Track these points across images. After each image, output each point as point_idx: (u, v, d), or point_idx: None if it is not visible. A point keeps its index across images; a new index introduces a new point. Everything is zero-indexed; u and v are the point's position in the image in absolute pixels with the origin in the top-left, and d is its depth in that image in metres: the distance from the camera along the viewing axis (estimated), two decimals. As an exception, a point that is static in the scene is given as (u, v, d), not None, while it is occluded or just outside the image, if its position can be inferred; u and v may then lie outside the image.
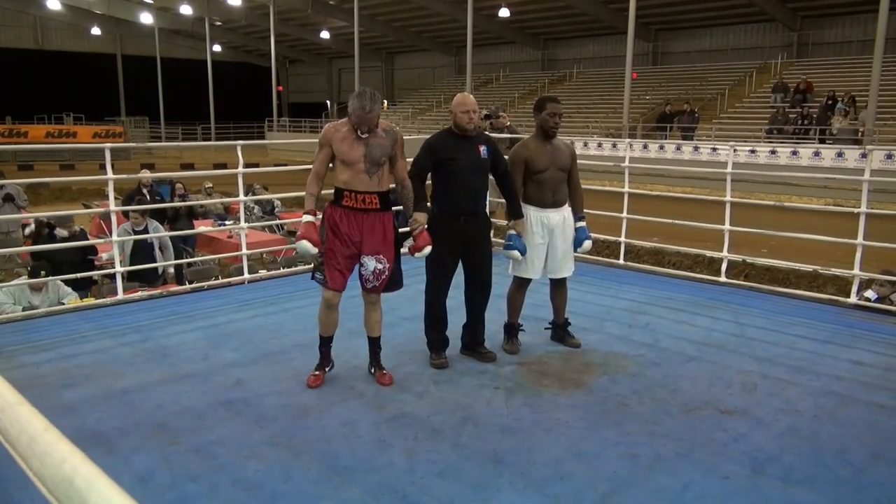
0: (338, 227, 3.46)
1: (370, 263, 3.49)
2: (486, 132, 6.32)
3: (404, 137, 3.64)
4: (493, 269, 4.06)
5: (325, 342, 3.65)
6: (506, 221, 4.26)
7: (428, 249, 3.64)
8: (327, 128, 3.51)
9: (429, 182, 3.90)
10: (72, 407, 3.28)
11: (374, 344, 3.71)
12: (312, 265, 3.62)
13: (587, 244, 4.21)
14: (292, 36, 38.83)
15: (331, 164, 3.52)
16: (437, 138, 3.89)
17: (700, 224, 6.16)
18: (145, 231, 6.80)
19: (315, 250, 3.44)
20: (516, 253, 3.98)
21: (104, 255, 6.98)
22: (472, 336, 4.06)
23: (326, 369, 3.66)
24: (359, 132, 3.38)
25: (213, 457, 2.82)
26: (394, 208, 3.65)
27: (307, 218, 3.46)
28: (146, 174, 8.03)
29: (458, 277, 4.00)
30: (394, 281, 3.60)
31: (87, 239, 7.00)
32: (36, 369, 3.78)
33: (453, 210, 3.82)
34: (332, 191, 3.54)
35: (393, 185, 3.61)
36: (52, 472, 0.92)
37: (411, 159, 3.82)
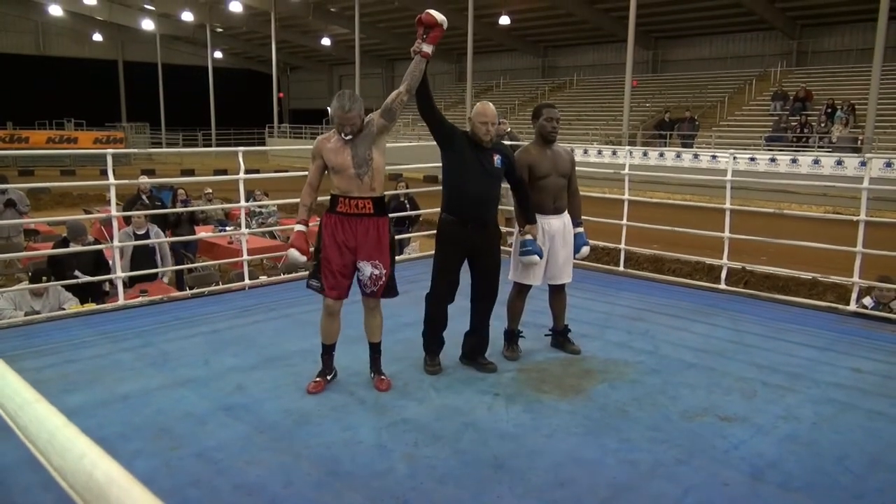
0: (334, 234, 3.49)
1: (366, 269, 3.51)
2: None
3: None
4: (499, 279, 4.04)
5: (327, 350, 3.66)
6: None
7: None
8: (318, 140, 3.57)
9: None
10: (73, 412, 3.27)
11: (375, 349, 3.72)
12: (308, 272, 3.64)
13: (585, 250, 4.23)
14: (293, 43, 38.95)
15: (325, 171, 3.57)
16: (458, 130, 3.82)
17: (700, 231, 6.18)
18: (146, 235, 6.81)
19: (303, 259, 3.54)
20: (535, 257, 3.98)
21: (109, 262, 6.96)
22: (475, 346, 4.01)
23: (328, 377, 3.67)
24: (343, 135, 3.40)
25: (214, 462, 2.83)
26: (390, 215, 3.66)
27: (299, 227, 3.55)
28: (144, 179, 8.01)
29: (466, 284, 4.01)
30: (389, 288, 3.61)
31: (100, 249, 6.82)
32: (37, 374, 3.78)
33: (461, 217, 3.80)
34: (328, 198, 3.58)
35: (388, 192, 3.62)
36: (73, 467, 0.96)
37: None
